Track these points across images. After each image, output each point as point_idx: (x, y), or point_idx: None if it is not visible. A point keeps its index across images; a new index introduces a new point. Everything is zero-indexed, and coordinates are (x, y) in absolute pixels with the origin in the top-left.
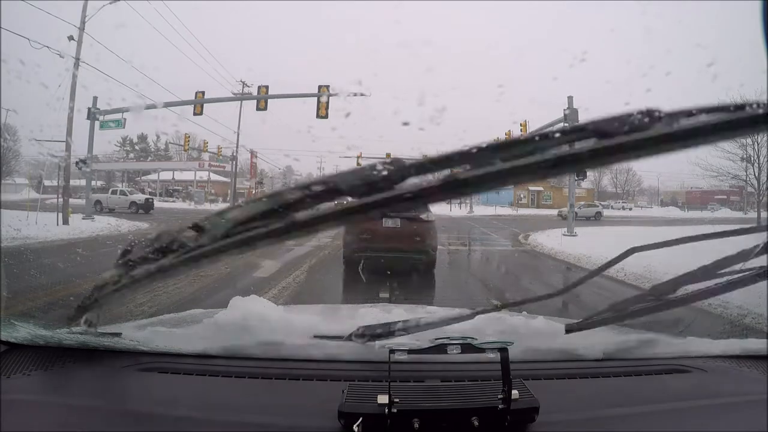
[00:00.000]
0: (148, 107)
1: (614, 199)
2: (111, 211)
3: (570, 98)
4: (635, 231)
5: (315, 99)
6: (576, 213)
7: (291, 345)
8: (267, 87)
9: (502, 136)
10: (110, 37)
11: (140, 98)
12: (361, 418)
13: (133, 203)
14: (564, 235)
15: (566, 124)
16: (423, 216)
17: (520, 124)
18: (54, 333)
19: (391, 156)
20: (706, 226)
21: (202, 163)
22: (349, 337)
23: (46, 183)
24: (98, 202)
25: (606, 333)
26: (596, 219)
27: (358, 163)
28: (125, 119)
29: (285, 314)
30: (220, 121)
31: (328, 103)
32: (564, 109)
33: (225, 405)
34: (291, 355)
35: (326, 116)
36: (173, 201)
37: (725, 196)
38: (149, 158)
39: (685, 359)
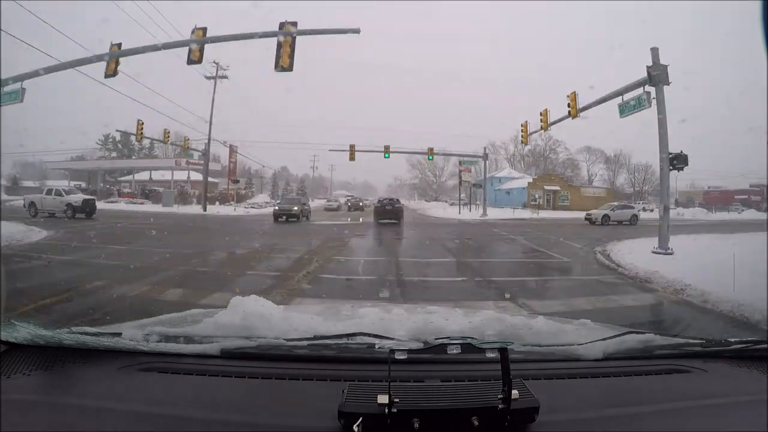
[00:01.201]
0: (49, 70)
1: (628, 199)
2: (51, 216)
3: (654, 50)
4: (747, 240)
5: (275, 44)
6: (608, 216)
7: (291, 345)
8: (204, 29)
9: (518, 128)
10: None
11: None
12: (361, 418)
13: (69, 205)
14: (654, 252)
15: (651, 87)
16: (398, 205)
17: (540, 113)
18: (54, 333)
19: (390, 148)
20: None
21: (179, 161)
22: (349, 337)
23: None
24: (32, 204)
25: (605, 333)
26: (632, 223)
27: (351, 156)
28: (24, 89)
29: (285, 314)
30: (186, 108)
31: (293, 46)
32: (647, 66)
33: (225, 405)
34: (291, 355)
35: (290, 67)
36: (142, 203)
37: (746, 196)
38: (133, 157)
39: (685, 359)
